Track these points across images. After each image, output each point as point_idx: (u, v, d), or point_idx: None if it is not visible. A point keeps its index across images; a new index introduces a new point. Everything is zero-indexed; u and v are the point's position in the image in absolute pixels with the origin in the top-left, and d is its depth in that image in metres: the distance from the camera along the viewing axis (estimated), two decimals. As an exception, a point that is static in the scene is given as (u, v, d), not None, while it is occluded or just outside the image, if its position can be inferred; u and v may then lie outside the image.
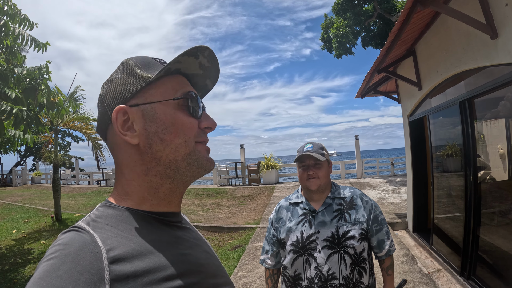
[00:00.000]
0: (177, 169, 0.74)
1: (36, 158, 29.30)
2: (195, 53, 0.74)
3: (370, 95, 7.91)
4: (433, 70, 4.99)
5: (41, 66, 4.95)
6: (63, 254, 0.56)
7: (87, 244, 0.59)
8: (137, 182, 0.74)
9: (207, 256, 0.81)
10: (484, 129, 4.22)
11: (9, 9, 4.90)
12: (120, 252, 0.60)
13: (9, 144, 7.82)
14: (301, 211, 1.95)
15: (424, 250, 5.79)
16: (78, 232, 0.62)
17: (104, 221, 0.67)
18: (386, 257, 1.94)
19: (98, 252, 0.58)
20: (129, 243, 0.63)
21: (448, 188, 5.45)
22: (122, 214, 0.70)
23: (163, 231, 0.73)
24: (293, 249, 1.86)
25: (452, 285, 4.24)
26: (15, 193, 19.03)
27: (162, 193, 0.76)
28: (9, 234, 9.61)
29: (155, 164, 0.74)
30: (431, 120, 5.77)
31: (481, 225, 4.12)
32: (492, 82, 3.52)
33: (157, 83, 0.75)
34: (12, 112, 4.23)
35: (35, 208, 13.56)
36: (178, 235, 0.77)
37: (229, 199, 12.71)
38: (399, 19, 3.79)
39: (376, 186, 12.46)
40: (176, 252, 0.70)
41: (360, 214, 1.89)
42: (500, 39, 3.18)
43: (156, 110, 0.74)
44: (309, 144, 2.00)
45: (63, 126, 10.85)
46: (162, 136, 0.73)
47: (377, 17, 14.24)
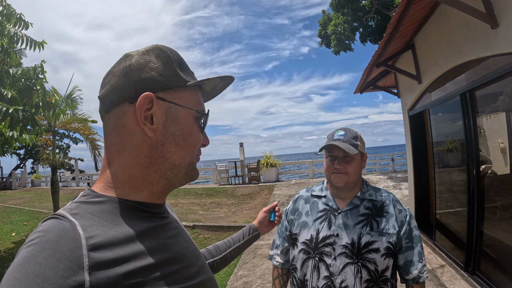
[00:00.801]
0: (177, 173, 0.76)
1: (36, 161, 29.31)
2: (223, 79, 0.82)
3: (369, 90, 7.87)
4: (432, 63, 4.92)
5: (36, 66, 4.91)
6: (43, 240, 0.56)
7: (66, 231, 0.59)
8: (135, 172, 0.73)
9: (188, 246, 0.82)
10: (484, 123, 4.16)
11: (4, 9, 4.85)
12: (100, 240, 0.60)
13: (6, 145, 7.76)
14: (322, 206, 1.66)
15: (427, 245, 5.73)
16: (58, 219, 0.62)
17: (86, 209, 0.66)
18: (414, 283, 1.56)
19: (78, 239, 0.58)
20: (110, 232, 0.63)
21: (450, 183, 5.39)
22: (104, 203, 0.69)
23: (144, 221, 0.72)
24: (304, 248, 1.60)
25: (456, 281, 4.17)
26: (14, 196, 19.01)
27: (156, 190, 0.76)
28: (8, 237, 9.56)
29: (160, 162, 0.74)
30: (432, 114, 5.71)
31: (485, 219, 4.06)
32: (493, 72, 3.46)
33: (187, 90, 0.77)
34: (8, 112, 4.18)
35: (34, 210, 13.53)
36: (159, 225, 0.76)
37: (229, 198, 12.68)
38: (398, 10, 3.72)
39: (376, 183, 12.42)
40: (158, 242, 0.71)
41: (391, 224, 1.55)
42: (501, 28, 3.12)
43: (179, 113, 0.75)
44: (341, 131, 1.66)
45: (60, 127, 10.78)
46: (177, 140, 0.75)
47: (375, 12, 14.20)
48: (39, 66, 4.92)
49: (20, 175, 26.05)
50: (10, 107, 4.22)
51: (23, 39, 5.07)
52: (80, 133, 10.91)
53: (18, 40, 5.03)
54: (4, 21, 4.82)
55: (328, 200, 1.66)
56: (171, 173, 0.75)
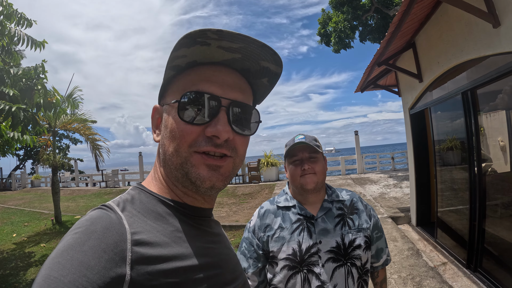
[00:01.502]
0: (177, 177, 0.72)
1: (35, 162, 29.29)
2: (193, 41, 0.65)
3: (370, 89, 7.89)
4: (434, 62, 4.95)
5: (36, 66, 4.90)
6: (90, 230, 0.57)
7: (113, 223, 0.59)
8: (161, 173, 0.76)
9: (228, 252, 0.80)
10: (484, 122, 4.20)
11: (4, 9, 4.86)
12: (144, 237, 0.61)
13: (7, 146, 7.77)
14: (294, 217, 1.60)
15: (428, 243, 5.76)
16: (106, 211, 0.63)
17: (133, 205, 0.68)
18: (382, 267, 1.70)
19: (123, 233, 0.59)
20: (154, 230, 0.64)
21: (452, 181, 5.42)
22: (150, 201, 0.70)
23: (187, 224, 0.72)
24: (289, 264, 1.50)
25: (459, 278, 4.21)
26: (14, 197, 19.03)
27: (179, 191, 0.74)
28: (9, 238, 9.59)
29: (164, 165, 0.74)
30: (433, 112, 5.74)
31: (486, 217, 4.10)
32: (495, 71, 3.49)
33: (173, 82, 0.73)
34: (11, 110, 4.17)
35: (35, 211, 13.54)
36: (202, 229, 0.76)
37: (229, 197, 12.69)
38: (400, 9, 3.75)
39: (377, 181, 12.47)
40: (199, 245, 0.70)
41: (363, 219, 1.62)
42: (502, 27, 3.15)
43: (167, 112, 0.73)
44: (300, 135, 1.66)
45: (61, 128, 10.82)
46: (164, 141, 0.72)
47: (374, 11, 14.22)
48: (40, 66, 4.92)
49: (19, 176, 26.05)
50: (13, 106, 4.21)
51: (24, 39, 5.08)
52: (81, 134, 10.95)
53: (19, 40, 5.04)
54: (5, 20, 4.82)
55: (299, 209, 1.61)
56: (174, 176, 0.73)
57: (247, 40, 0.67)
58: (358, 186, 11.84)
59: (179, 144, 0.69)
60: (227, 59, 0.71)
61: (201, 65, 0.71)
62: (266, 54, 0.71)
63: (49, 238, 9.17)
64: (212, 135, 0.68)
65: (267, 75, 0.77)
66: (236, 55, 0.70)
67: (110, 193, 16.63)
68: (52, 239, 9.01)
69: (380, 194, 10.11)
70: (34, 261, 7.34)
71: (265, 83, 0.80)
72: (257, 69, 0.75)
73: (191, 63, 0.70)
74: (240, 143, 0.73)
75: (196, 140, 0.68)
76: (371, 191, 10.73)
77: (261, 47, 0.69)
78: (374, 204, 8.69)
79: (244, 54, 0.70)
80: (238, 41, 0.67)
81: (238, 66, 0.74)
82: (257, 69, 0.75)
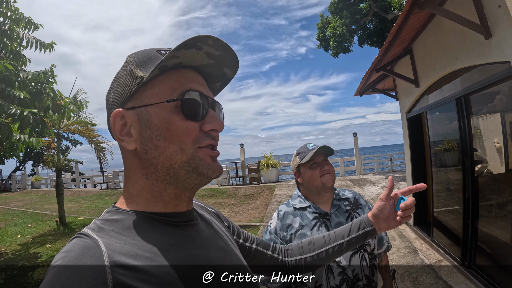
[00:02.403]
0: (176, 176, 0.71)
1: (35, 163, 29.18)
2: (193, 44, 0.67)
3: (369, 93, 8.05)
4: (430, 68, 5.13)
5: (46, 70, 4.96)
6: (65, 260, 0.56)
7: (88, 248, 0.58)
8: (140, 185, 0.73)
9: (222, 254, 0.79)
10: (480, 124, 4.36)
11: (13, 14, 4.97)
12: (123, 257, 0.59)
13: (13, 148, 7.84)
14: (311, 215, 1.82)
15: (425, 242, 5.95)
16: (81, 238, 0.62)
17: (109, 226, 0.66)
18: (384, 253, 1.98)
19: (100, 256, 0.57)
20: (133, 248, 0.62)
21: (447, 182, 5.60)
22: (128, 219, 0.69)
23: (171, 233, 0.71)
24: None
25: (453, 274, 4.40)
26: (15, 198, 18.95)
27: (167, 197, 0.73)
28: (14, 239, 9.62)
29: (153, 170, 0.71)
30: (429, 116, 5.93)
31: (480, 217, 4.26)
32: (487, 79, 3.67)
33: (153, 83, 0.71)
34: (23, 115, 4.25)
35: (37, 212, 13.57)
36: (188, 234, 0.74)
37: (230, 198, 12.78)
38: (398, 21, 3.94)
39: (375, 182, 12.62)
40: (185, 253, 0.69)
41: (366, 212, 1.84)
42: (493, 39, 3.34)
43: (150, 113, 0.70)
44: (310, 144, 1.94)
45: (64, 130, 10.90)
46: (156, 143, 0.69)
47: (373, 15, 14.39)
48: (49, 70, 4.98)
49: (20, 177, 25.98)
50: (25, 110, 4.29)
51: (32, 42, 5.18)
52: (85, 136, 11.01)
53: (28, 43, 5.13)
54: (13, 25, 4.93)
55: (314, 208, 1.84)
56: (170, 177, 0.71)
57: (227, 49, 0.72)
58: (357, 187, 11.98)
59: (183, 141, 0.69)
60: (203, 64, 0.75)
61: (183, 67, 0.73)
62: (231, 62, 0.77)
63: (54, 239, 9.20)
64: (210, 129, 0.72)
65: (222, 80, 0.83)
66: (211, 61, 0.75)
67: (111, 194, 16.64)
68: (57, 240, 9.05)
69: (379, 195, 10.20)
70: (41, 262, 7.36)
71: (217, 87, 0.85)
72: (217, 75, 0.81)
73: (176, 64, 0.71)
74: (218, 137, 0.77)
75: (198, 136, 0.70)
76: (370, 192, 10.90)
77: (232, 57, 0.75)
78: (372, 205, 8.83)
79: (218, 61, 0.75)
80: (221, 49, 0.72)
81: (205, 70, 0.78)
82: (218, 74, 0.80)
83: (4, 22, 4.88)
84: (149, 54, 0.73)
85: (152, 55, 0.73)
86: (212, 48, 0.70)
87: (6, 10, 4.90)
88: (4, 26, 4.82)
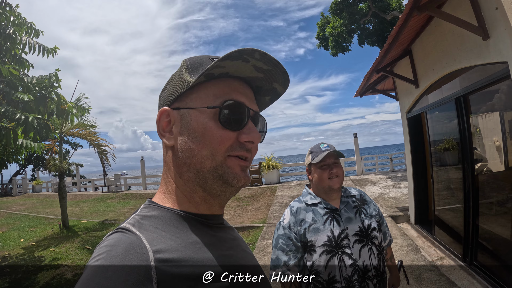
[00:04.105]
0: (204, 180, 0.73)
1: (36, 167, 29.17)
2: (239, 56, 0.69)
3: (369, 94, 8.09)
4: (429, 69, 5.20)
5: (50, 75, 4.98)
6: (111, 255, 0.57)
7: (134, 245, 0.59)
8: (175, 182, 0.76)
9: (246, 255, 0.82)
10: (480, 123, 4.43)
11: (16, 19, 5.01)
12: (166, 253, 0.61)
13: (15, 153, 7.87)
14: (322, 211, 1.91)
15: (427, 240, 6.01)
16: (124, 233, 0.64)
17: (148, 222, 0.68)
18: (388, 246, 2.10)
19: (145, 252, 0.58)
20: (174, 245, 0.64)
21: (448, 181, 5.67)
22: (165, 216, 0.71)
23: (204, 233, 0.73)
24: (326, 249, 1.79)
25: (455, 271, 4.47)
26: (17, 202, 18.96)
27: (198, 199, 0.76)
28: (17, 243, 9.65)
29: (186, 170, 0.74)
30: (429, 116, 6.00)
31: (480, 214, 4.33)
32: (485, 79, 3.75)
33: (199, 88, 0.74)
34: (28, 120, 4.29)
35: (39, 216, 13.58)
36: (219, 236, 0.77)
37: (232, 200, 12.68)
38: (397, 24, 4.01)
39: (376, 182, 12.64)
40: (219, 253, 0.71)
41: (372, 208, 2.00)
42: (491, 40, 3.41)
43: (191, 116, 0.73)
44: (324, 144, 2.01)
45: (66, 134, 10.96)
46: (192, 144, 0.72)
47: (372, 15, 14.47)
48: (54, 74, 5.00)
49: (20, 181, 25.91)
50: (29, 115, 4.31)
51: (35, 47, 5.21)
52: (88, 139, 11.07)
53: (30, 48, 5.17)
54: (17, 29, 4.96)
55: (325, 204, 1.94)
56: (200, 180, 0.73)
57: (276, 65, 0.73)
58: (358, 187, 11.91)
59: (216, 148, 0.71)
60: (251, 76, 0.76)
61: (230, 77, 0.75)
62: (282, 78, 0.78)
63: (58, 242, 9.21)
64: (246, 141, 0.73)
65: (272, 94, 0.85)
66: (260, 75, 0.76)
67: (113, 198, 16.58)
68: (60, 243, 9.07)
69: (380, 195, 10.32)
70: (45, 265, 7.38)
71: (267, 101, 0.87)
72: (267, 89, 0.82)
73: (223, 74, 0.73)
74: (255, 149, 0.79)
75: (232, 145, 0.72)
76: (371, 191, 10.93)
77: (282, 73, 0.76)
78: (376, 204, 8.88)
79: (267, 75, 0.76)
80: (270, 64, 0.73)
81: (254, 83, 0.80)
82: (268, 88, 0.82)
83: (8, 27, 4.92)
84: (202, 60, 0.77)
85: (203, 62, 0.76)
86: (260, 62, 0.72)
87: (10, 14, 4.94)
88: (8, 31, 4.85)
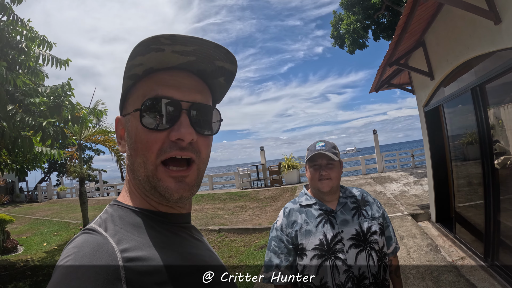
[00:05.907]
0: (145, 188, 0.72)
1: (60, 174, 29.91)
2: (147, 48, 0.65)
3: (385, 89, 7.92)
4: (443, 59, 5.00)
5: (63, 84, 5.10)
6: (79, 255, 0.57)
7: (101, 245, 0.59)
8: (132, 184, 0.76)
9: (211, 254, 0.83)
10: (502, 114, 4.21)
11: (28, 33, 5.14)
12: (133, 252, 0.61)
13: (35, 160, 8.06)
14: (316, 212, 1.80)
15: (447, 239, 5.79)
16: (90, 234, 0.63)
17: (114, 222, 0.68)
18: (392, 255, 1.90)
19: (113, 252, 0.58)
20: (139, 244, 0.64)
21: (467, 176, 5.44)
22: (128, 216, 0.71)
23: (168, 232, 0.73)
24: (318, 253, 1.68)
25: (476, 272, 4.25)
26: (42, 208, 19.50)
27: (153, 201, 0.75)
28: (40, 247, 9.93)
29: (132, 176, 0.74)
30: (446, 109, 5.77)
31: (502, 210, 4.11)
32: (500, 66, 3.54)
33: (132, 91, 0.73)
34: (42, 126, 4.36)
35: (63, 221, 13.90)
36: (182, 235, 0.77)
37: (252, 201, 12.77)
38: (404, 13, 3.85)
39: (397, 179, 12.39)
40: (185, 251, 0.72)
41: (375, 210, 1.84)
42: (503, 24, 3.22)
43: (130, 122, 0.72)
44: (321, 142, 1.87)
45: (85, 140, 11.16)
46: (130, 151, 0.72)
47: (386, 9, 14.20)
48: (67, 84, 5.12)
49: (45, 188, 26.62)
50: (43, 121, 4.40)
51: (48, 59, 5.33)
52: (105, 145, 11.24)
53: (44, 60, 5.29)
54: (30, 43, 5.10)
55: (320, 205, 1.82)
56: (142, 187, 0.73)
57: (200, 42, 0.68)
58: (379, 185, 11.77)
59: (145, 154, 0.68)
60: (182, 62, 0.71)
61: (158, 71, 0.71)
62: (220, 54, 0.72)
63: (79, 246, 9.41)
64: (176, 138, 0.68)
65: (223, 74, 0.78)
66: (190, 58, 0.71)
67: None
68: (82, 247, 9.25)
69: (401, 192, 10.08)
70: None
71: (222, 82, 0.80)
72: (213, 69, 0.75)
73: (147, 70, 0.70)
74: (203, 144, 0.74)
75: (162, 147, 0.68)
76: (392, 189, 10.70)
77: (214, 48, 0.70)
78: (394, 202, 8.69)
79: (198, 56, 0.71)
80: (191, 44, 0.67)
81: (194, 68, 0.74)
82: (213, 69, 0.75)
83: (20, 41, 5.03)
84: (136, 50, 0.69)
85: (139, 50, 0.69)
86: (178, 46, 0.66)
87: (22, 29, 5.05)
88: (21, 45, 4.96)
